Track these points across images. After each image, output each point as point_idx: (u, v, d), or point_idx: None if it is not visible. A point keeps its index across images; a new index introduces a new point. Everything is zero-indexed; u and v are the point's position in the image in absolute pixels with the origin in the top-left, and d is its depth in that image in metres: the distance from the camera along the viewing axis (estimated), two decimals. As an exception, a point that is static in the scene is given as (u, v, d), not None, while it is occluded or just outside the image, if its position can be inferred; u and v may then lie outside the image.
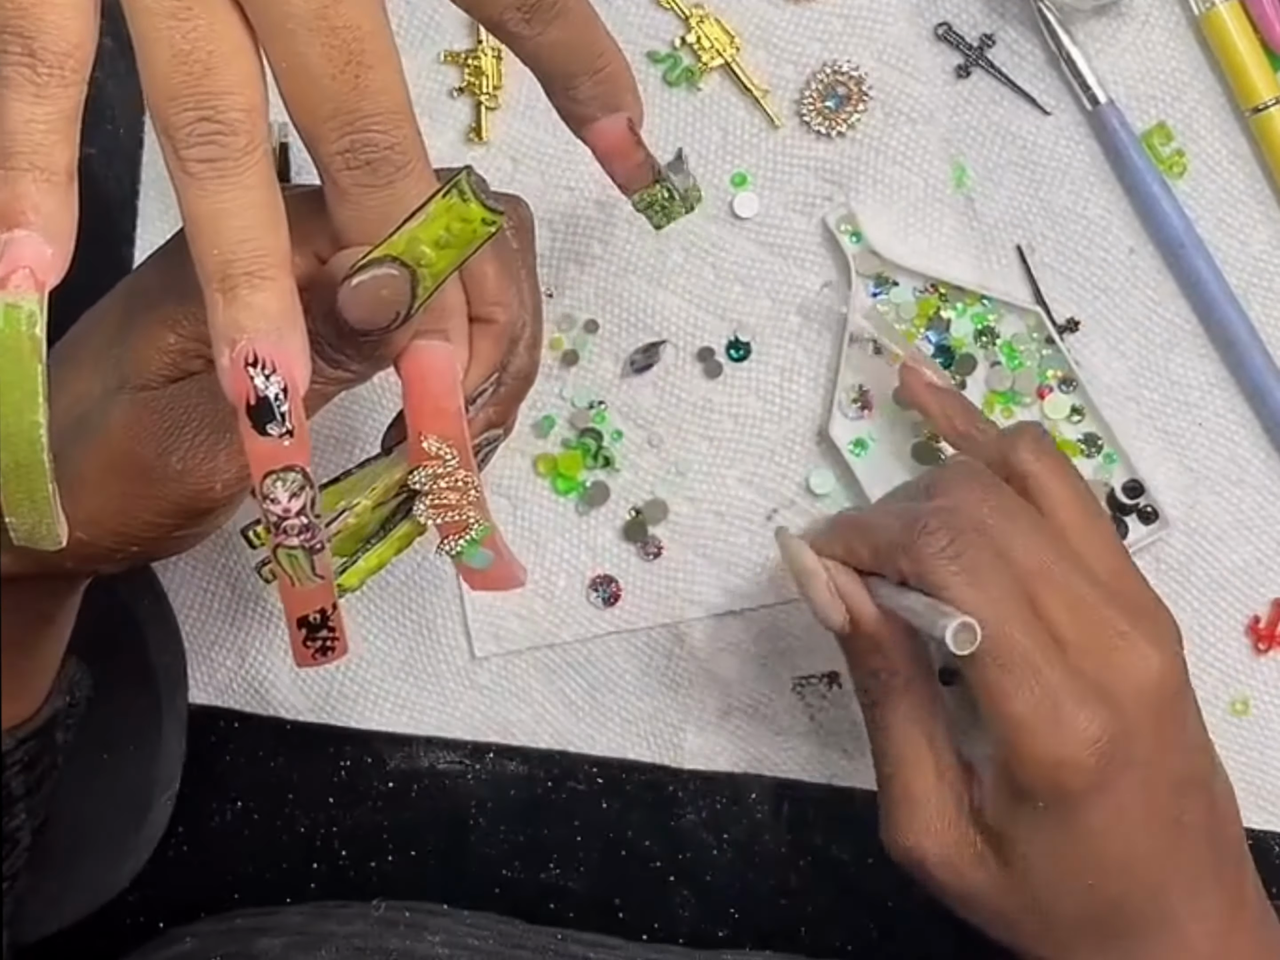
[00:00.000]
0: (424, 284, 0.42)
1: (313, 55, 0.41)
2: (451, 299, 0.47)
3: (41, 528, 0.43)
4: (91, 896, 0.62)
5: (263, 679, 0.67)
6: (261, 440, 0.41)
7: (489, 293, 0.49)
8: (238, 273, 0.41)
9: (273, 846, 0.68)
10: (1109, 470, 0.64)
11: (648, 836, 0.67)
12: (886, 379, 0.64)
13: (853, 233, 0.64)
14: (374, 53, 0.41)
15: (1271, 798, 0.65)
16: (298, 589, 0.43)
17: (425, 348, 0.46)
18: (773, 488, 0.65)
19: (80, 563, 0.50)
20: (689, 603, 0.66)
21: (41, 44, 0.40)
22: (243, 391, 0.41)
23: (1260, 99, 0.61)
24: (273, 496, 0.41)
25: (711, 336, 0.65)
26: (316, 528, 0.42)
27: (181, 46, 0.40)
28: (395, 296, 0.42)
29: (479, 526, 0.48)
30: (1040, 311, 0.63)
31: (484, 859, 0.67)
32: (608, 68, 0.48)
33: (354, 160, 0.42)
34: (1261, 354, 0.63)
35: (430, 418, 0.46)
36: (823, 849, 0.66)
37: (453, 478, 0.47)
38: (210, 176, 0.41)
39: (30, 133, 0.41)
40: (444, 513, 0.47)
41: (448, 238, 0.41)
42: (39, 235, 0.41)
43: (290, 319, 0.41)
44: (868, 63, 0.63)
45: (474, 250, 0.42)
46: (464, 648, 0.67)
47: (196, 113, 0.40)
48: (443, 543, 0.48)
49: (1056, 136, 0.63)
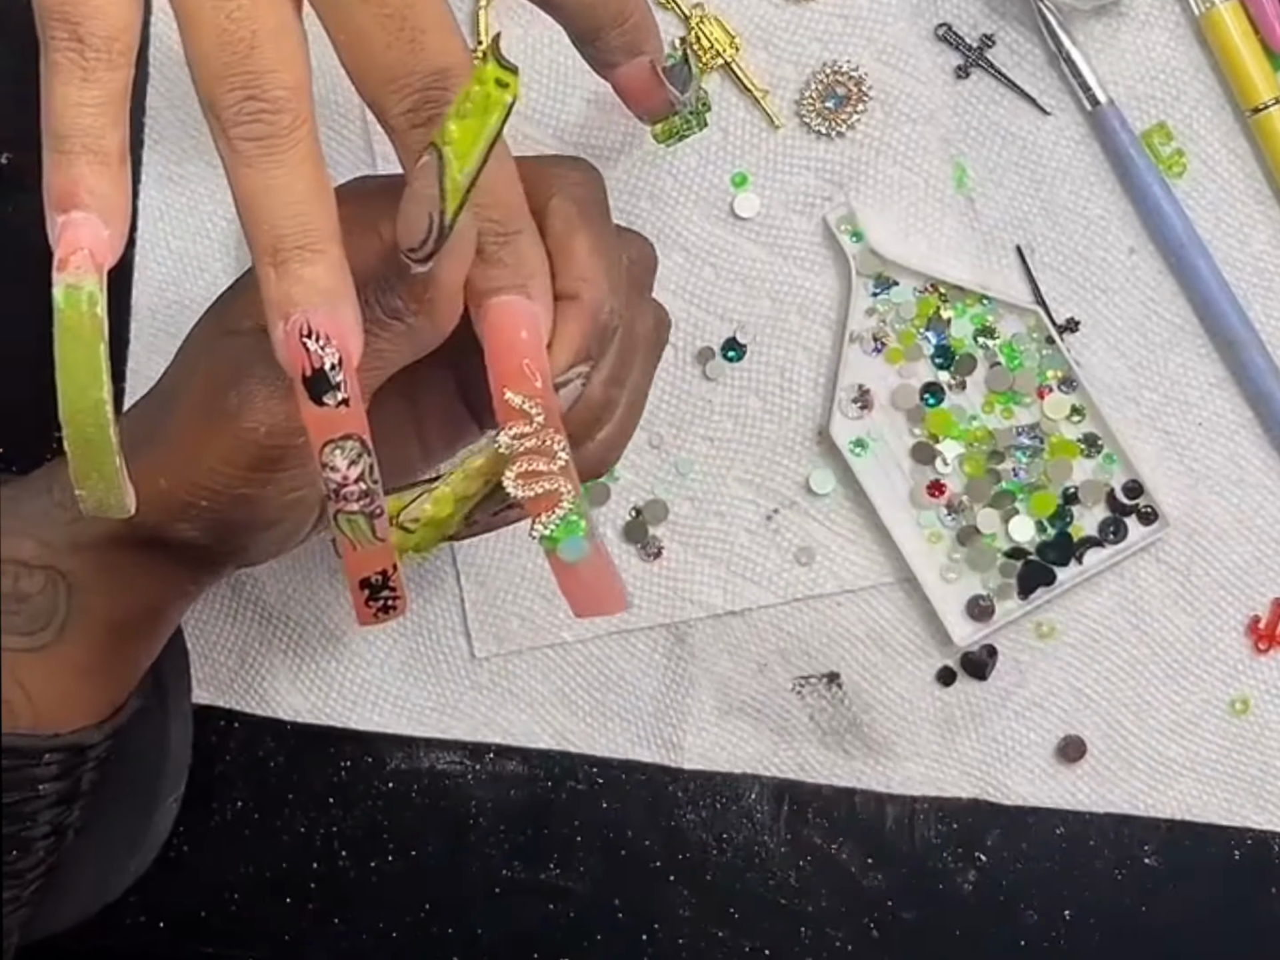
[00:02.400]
0: (450, 170, 0.40)
1: (368, 24, 0.42)
2: (531, 257, 0.46)
3: (110, 498, 0.44)
4: (95, 898, 0.62)
5: (263, 679, 0.67)
6: (318, 410, 0.42)
7: (574, 265, 0.47)
8: (289, 246, 0.41)
9: (272, 846, 0.68)
10: (1109, 470, 0.64)
11: (648, 836, 0.67)
12: (887, 379, 0.64)
13: (853, 232, 0.64)
14: (427, 15, 0.42)
15: (1271, 798, 0.65)
16: (359, 552, 0.44)
17: (505, 302, 0.45)
18: (773, 488, 0.65)
19: (163, 516, 0.50)
20: (689, 603, 0.66)
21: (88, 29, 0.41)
22: (298, 362, 0.42)
23: (1260, 99, 0.62)
24: (332, 465, 0.42)
25: (711, 336, 0.65)
26: (375, 493, 0.43)
27: (226, 26, 0.41)
28: (428, 186, 0.41)
29: (572, 500, 0.45)
30: (1040, 311, 0.63)
31: (484, 859, 0.67)
32: (634, 18, 0.49)
33: (417, 119, 0.42)
34: (1261, 354, 0.63)
35: (513, 375, 0.45)
36: (823, 849, 0.66)
37: (539, 438, 0.45)
38: (258, 154, 0.41)
39: (80, 116, 0.41)
40: (532, 482, 0.45)
41: (467, 106, 0.40)
42: (95, 217, 0.41)
43: (342, 291, 0.42)
44: (868, 63, 0.63)
45: (495, 125, 0.40)
46: (464, 648, 0.67)
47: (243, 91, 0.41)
48: (534, 524, 0.45)
49: (1056, 136, 0.63)
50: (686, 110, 0.54)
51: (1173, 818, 0.65)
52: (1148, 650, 0.65)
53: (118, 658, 0.56)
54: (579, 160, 0.50)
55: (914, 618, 0.65)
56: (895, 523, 0.64)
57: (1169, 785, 0.65)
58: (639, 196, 0.64)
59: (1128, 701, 0.65)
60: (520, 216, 0.45)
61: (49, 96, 0.42)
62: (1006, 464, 0.64)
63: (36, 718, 0.53)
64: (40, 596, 0.53)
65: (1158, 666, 0.65)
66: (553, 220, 0.47)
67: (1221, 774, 0.65)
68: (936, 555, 0.64)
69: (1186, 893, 0.66)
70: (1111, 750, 0.65)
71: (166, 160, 0.65)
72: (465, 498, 0.48)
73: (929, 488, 0.64)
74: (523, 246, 0.45)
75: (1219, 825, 0.65)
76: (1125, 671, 0.65)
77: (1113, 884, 0.66)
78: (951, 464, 0.64)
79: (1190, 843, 0.65)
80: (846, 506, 0.65)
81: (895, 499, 0.64)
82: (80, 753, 0.55)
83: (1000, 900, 0.66)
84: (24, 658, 0.53)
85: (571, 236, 0.47)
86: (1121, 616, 0.65)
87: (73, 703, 0.55)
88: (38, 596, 0.53)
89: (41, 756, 0.54)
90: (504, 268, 0.45)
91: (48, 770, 0.54)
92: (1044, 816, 0.66)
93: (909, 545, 0.64)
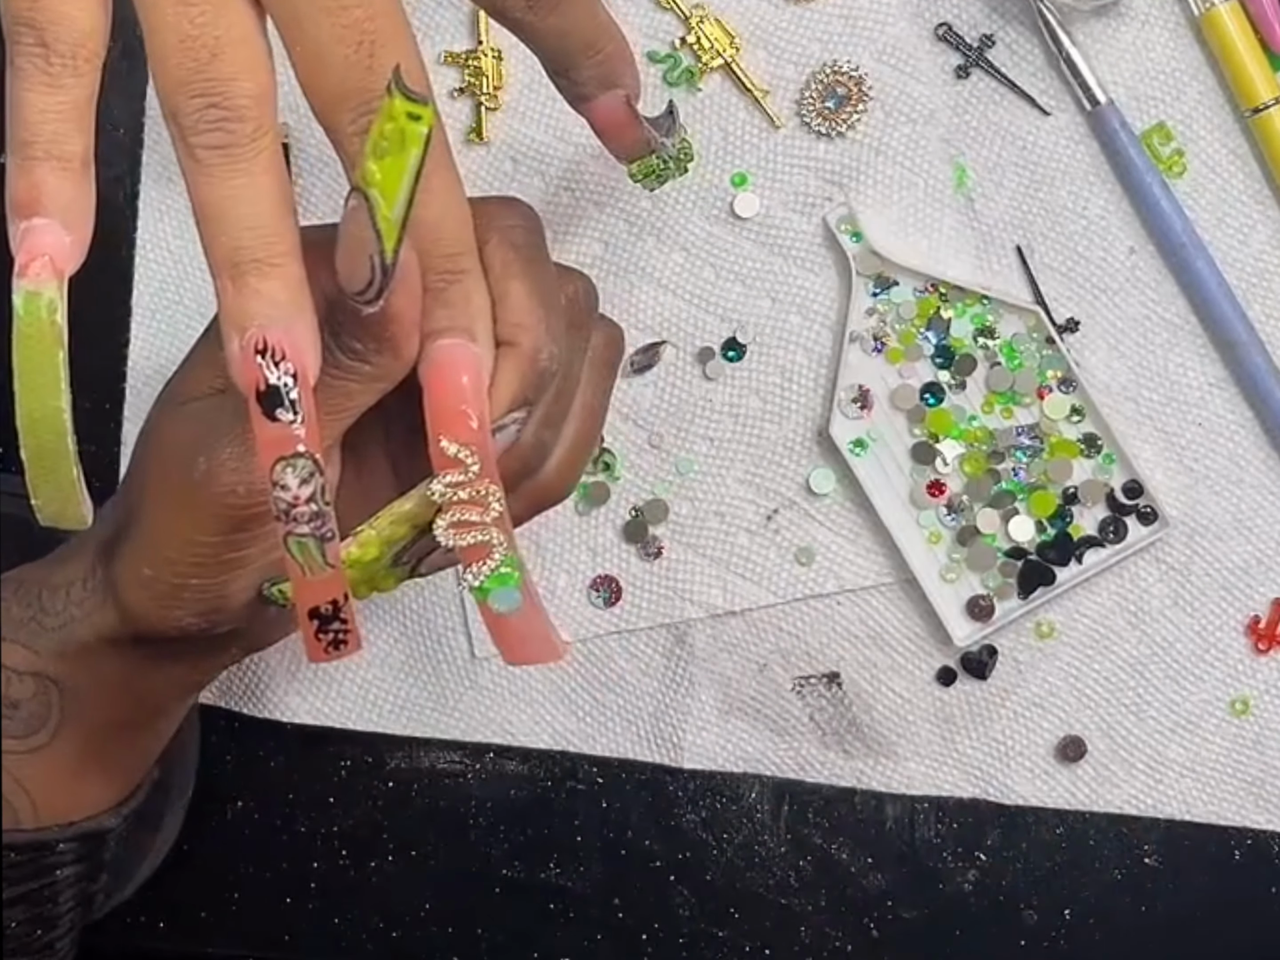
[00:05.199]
0: (380, 210, 0.39)
1: (325, 37, 0.41)
2: (476, 298, 0.44)
3: (68, 508, 0.43)
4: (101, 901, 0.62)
5: (263, 679, 0.67)
6: (271, 426, 0.41)
7: (511, 311, 0.45)
8: (246, 260, 0.41)
9: (273, 846, 0.68)
10: (1108, 470, 0.64)
11: (648, 836, 0.67)
12: (887, 379, 0.64)
13: (853, 232, 0.64)
14: (387, 31, 0.41)
15: (1272, 798, 0.65)
16: (309, 578, 0.43)
17: (444, 346, 0.44)
18: (773, 488, 0.65)
19: (156, 605, 0.49)
20: (689, 603, 0.66)
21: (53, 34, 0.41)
22: (252, 379, 0.41)
23: (1260, 99, 0.61)
24: (282, 483, 0.41)
25: (711, 336, 0.65)
26: (326, 515, 0.42)
27: (189, 32, 0.40)
28: (361, 230, 0.40)
29: (504, 553, 0.44)
30: (1040, 312, 0.63)
31: (484, 859, 0.67)
32: (607, 49, 0.47)
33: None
34: (1261, 354, 0.63)
35: (448, 419, 0.43)
36: (823, 849, 0.66)
37: (473, 488, 0.44)
38: (218, 163, 0.41)
39: (45, 122, 0.41)
40: (464, 532, 0.44)
41: (383, 145, 0.39)
42: (57, 223, 0.41)
43: (299, 306, 0.41)
44: (868, 63, 0.63)
45: (415, 160, 0.39)
46: (464, 648, 0.67)
47: (204, 99, 0.40)
48: (464, 572, 0.45)
49: (1056, 136, 0.63)
50: (667, 154, 0.52)
51: (1173, 818, 0.65)
52: (1148, 650, 0.65)
53: (120, 753, 0.55)
54: (515, 201, 0.48)
55: (914, 618, 0.65)
56: (895, 523, 0.64)
57: (1169, 785, 0.65)
58: (639, 196, 0.64)
59: (1128, 701, 0.65)
60: (469, 256, 0.44)
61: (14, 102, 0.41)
62: (1006, 464, 0.64)
63: (37, 814, 0.53)
64: (32, 702, 0.52)
65: (1158, 666, 0.65)
66: (490, 264, 0.45)
67: (1221, 774, 0.65)
68: (936, 555, 0.64)
69: (1186, 893, 0.66)
70: (1111, 750, 0.65)
71: (166, 160, 0.65)
72: (392, 540, 0.46)
73: (929, 488, 0.64)
74: (469, 287, 0.44)
75: (1219, 825, 0.65)
76: (1125, 671, 0.65)
77: (1113, 884, 0.66)
78: (951, 464, 0.64)
79: (1190, 843, 0.66)
80: (846, 506, 0.65)
81: (895, 499, 0.64)
82: (99, 837, 0.55)
83: (1000, 900, 0.66)
84: (21, 758, 0.53)
85: (509, 281, 0.45)
86: (1121, 616, 0.65)
87: (73, 798, 0.54)
88: (29, 702, 0.52)
89: (56, 846, 0.54)
90: (450, 309, 0.44)
91: (64, 857, 0.54)
92: (1044, 816, 0.66)
93: (909, 545, 0.64)
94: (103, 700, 0.53)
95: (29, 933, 0.54)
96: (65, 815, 0.54)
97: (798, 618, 0.65)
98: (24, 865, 0.53)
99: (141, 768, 0.57)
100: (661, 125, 0.53)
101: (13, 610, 0.52)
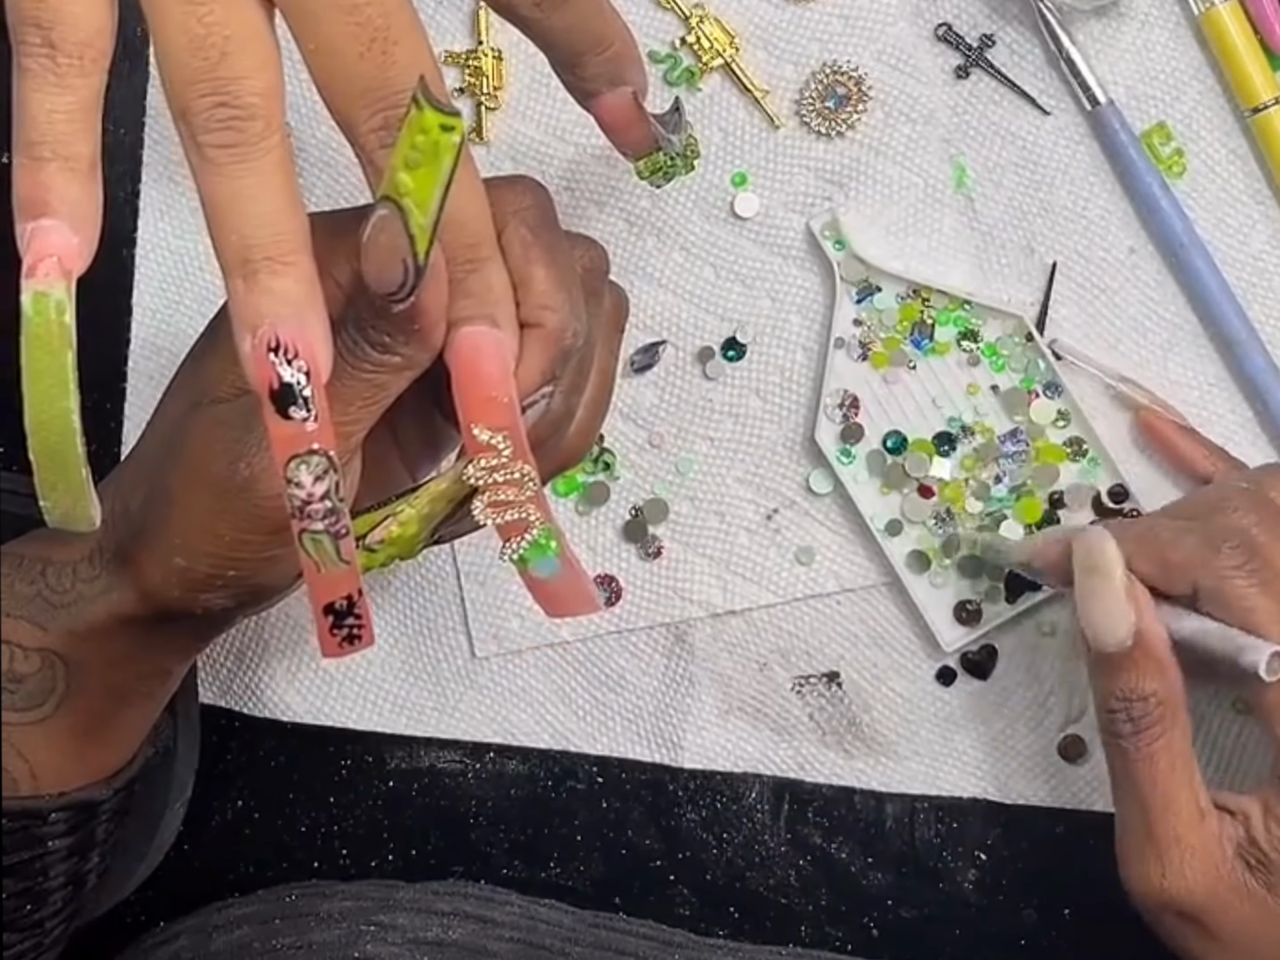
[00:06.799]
0: (414, 218, 0.40)
1: (338, 34, 0.41)
2: (496, 284, 0.45)
3: (76, 509, 0.43)
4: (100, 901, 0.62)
5: (262, 679, 0.67)
6: (284, 424, 0.41)
7: (535, 294, 0.46)
8: (258, 258, 0.41)
9: (273, 846, 0.68)
10: (1094, 474, 0.64)
11: (648, 836, 0.67)
12: (871, 385, 0.64)
13: (836, 240, 0.64)
14: (399, 27, 0.41)
15: (1271, 797, 0.65)
16: (323, 574, 0.43)
17: (470, 333, 0.45)
18: (773, 488, 0.65)
19: (186, 591, 0.49)
20: (689, 603, 0.66)
21: (60, 34, 0.41)
22: (265, 377, 0.41)
23: (1260, 99, 0.62)
24: (296, 480, 0.41)
25: (711, 336, 0.65)
26: (341, 512, 0.42)
27: (197, 31, 0.40)
28: (393, 239, 0.40)
29: (541, 526, 0.45)
30: (1023, 317, 0.63)
31: (484, 859, 0.67)
32: (614, 45, 0.48)
33: (387, 138, 0.41)
34: (1261, 354, 0.63)
35: (479, 406, 0.44)
36: (823, 849, 0.66)
37: (508, 470, 0.45)
38: (228, 161, 0.41)
39: (52, 122, 0.41)
40: (502, 510, 0.45)
41: (415, 156, 0.39)
42: (65, 224, 0.41)
43: (311, 303, 0.41)
44: (868, 63, 0.63)
45: (448, 168, 0.39)
46: (464, 648, 0.67)
47: (214, 98, 0.40)
48: (504, 547, 0.46)
49: (1056, 136, 0.63)
50: (674, 151, 0.53)
51: (1173, 817, 0.65)
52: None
53: (121, 720, 0.55)
54: (524, 180, 0.49)
55: (914, 617, 0.65)
56: (882, 529, 0.64)
57: (1169, 785, 0.65)
58: (639, 196, 0.64)
59: (1128, 701, 0.65)
60: (488, 244, 0.45)
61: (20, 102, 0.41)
62: (993, 470, 0.64)
63: (37, 783, 0.53)
64: (37, 676, 0.52)
65: (1158, 666, 0.65)
66: (510, 249, 0.46)
67: (1222, 774, 0.65)
68: (924, 561, 0.64)
69: (1186, 892, 0.66)
70: (1111, 750, 0.65)
71: (166, 160, 0.65)
72: (430, 517, 0.47)
73: (916, 494, 0.64)
74: (490, 274, 0.45)
75: (1219, 825, 0.65)
76: (1125, 671, 0.65)
77: (1112, 884, 0.66)
78: (938, 471, 0.64)
79: (1190, 842, 0.65)
80: (846, 506, 0.65)
81: (882, 505, 0.64)
82: (90, 809, 0.55)
83: (1000, 900, 0.66)
84: (21, 729, 0.52)
85: (530, 265, 0.46)
86: (1121, 616, 0.65)
87: (74, 765, 0.54)
88: (34, 677, 0.52)
89: (48, 816, 0.53)
90: (472, 297, 0.44)
91: (55, 828, 0.54)
92: (1044, 816, 0.66)
93: (896, 551, 0.64)
94: (109, 672, 0.53)
95: (19, 906, 0.54)
96: (65, 783, 0.54)
97: (798, 617, 0.65)
98: (15, 834, 0.53)
99: (141, 733, 0.57)
100: (668, 122, 0.53)
101: (16, 586, 0.52)
